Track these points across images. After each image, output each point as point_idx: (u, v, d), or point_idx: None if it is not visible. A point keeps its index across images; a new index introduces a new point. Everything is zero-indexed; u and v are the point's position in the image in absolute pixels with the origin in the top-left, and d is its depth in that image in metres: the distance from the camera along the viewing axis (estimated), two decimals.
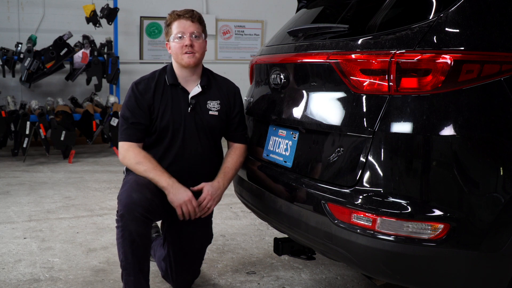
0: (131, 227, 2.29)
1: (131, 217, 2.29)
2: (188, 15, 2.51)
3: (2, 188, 4.83)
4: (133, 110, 2.51)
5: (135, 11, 7.57)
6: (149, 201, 2.34)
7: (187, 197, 2.41)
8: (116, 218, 2.34)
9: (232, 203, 4.31)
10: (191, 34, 2.50)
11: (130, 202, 2.31)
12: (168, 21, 2.55)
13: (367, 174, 1.90)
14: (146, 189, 2.37)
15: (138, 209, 2.30)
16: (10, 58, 6.20)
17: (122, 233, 2.31)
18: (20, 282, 2.82)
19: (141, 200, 2.32)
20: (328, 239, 2.00)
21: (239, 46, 8.30)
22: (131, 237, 2.30)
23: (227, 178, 2.59)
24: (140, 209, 2.30)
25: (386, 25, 2.05)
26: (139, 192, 2.34)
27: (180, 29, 2.50)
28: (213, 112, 2.59)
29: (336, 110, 2.08)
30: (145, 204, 2.32)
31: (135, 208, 2.30)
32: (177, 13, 2.53)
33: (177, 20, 2.51)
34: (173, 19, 2.52)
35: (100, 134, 6.67)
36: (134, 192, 2.34)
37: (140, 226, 2.31)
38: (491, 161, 1.81)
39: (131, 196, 2.33)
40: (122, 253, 2.33)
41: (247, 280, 2.92)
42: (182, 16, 2.51)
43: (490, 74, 1.82)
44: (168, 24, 2.55)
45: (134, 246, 2.31)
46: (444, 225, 1.79)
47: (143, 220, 2.32)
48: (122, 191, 2.40)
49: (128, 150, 2.49)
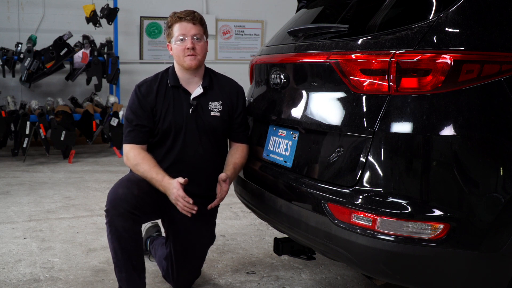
0: (116, 222, 2.32)
1: (116, 213, 2.32)
2: (189, 17, 2.50)
3: (2, 188, 4.83)
4: (137, 112, 2.52)
5: (135, 11, 7.56)
6: (135, 197, 2.35)
7: (173, 195, 2.36)
8: (105, 214, 2.37)
9: (232, 203, 4.31)
10: (193, 37, 2.50)
11: (116, 197, 2.34)
12: (169, 22, 2.54)
13: (367, 174, 1.90)
14: (134, 186, 2.39)
15: (123, 205, 2.32)
16: (10, 58, 6.20)
17: (110, 229, 2.35)
18: (20, 282, 2.82)
19: (126, 195, 2.34)
20: (328, 239, 2.00)
21: (239, 46, 8.30)
22: (118, 233, 2.32)
23: (236, 172, 2.59)
24: (125, 205, 2.32)
25: (386, 25, 2.04)
26: (126, 188, 2.37)
27: (182, 31, 2.49)
28: (215, 113, 2.59)
29: (336, 110, 2.08)
30: (131, 200, 2.34)
31: (120, 203, 2.32)
32: (178, 15, 2.51)
33: (178, 22, 2.50)
34: (175, 21, 2.52)
35: (100, 134, 6.67)
36: (120, 188, 2.38)
37: (127, 221, 2.33)
38: (491, 161, 1.81)
39: (117, 191, 2.36)
40: (112, 249, 2.38)
41: (247, 280, 2.92)
42: (184, 19, 2.50)
43: (490, 74, 1.82)
44: (169, 26, 2.54)
45: (122, 242, 2.33)
46: (444, 225, 1.79)
47: (129, 216, 2.33)
48: (111, 187, 2.43)
49: (130, 151, 2.51)
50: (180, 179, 2.37)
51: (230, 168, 2.55)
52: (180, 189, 2.35)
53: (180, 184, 2.35)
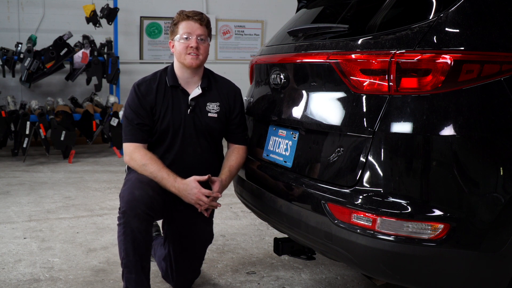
0: (133, 224, 2.30)
1: (133, 214, 2.30)
2: (197, 17, 2.52)
3: (2, 188, 4.83)
4: (137, 111, 2.52)
5: (135, 11, 7.57)
6: (151, 199, 2.35)
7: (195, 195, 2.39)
8: (118, 215, 2.36)
9: (232, 203, 4.31)
10: (198, 37, 2.51)
11: (132, 199, 2.32)
12: (176, 20, 2.55)
13: (367, 174, 1.90)
14: (148, 187, 2.38)
15: (140, 206, 2.31)
16: (10, 58, 6.20)
17: (124, 230, 2.32)
18: (20, 282, 2.82)
19: (143, 197, 2.33)
20: (328, 239, 2.00)
21: (239, 46, 8.30)
22: (133, 234, 2.31)
23: (232, 176, 2.60)
24: (142, 206, 2.31)
25: (386, 25, 2.05)
26: (141, 189, 2.36)
27: (188, 30, 2.50)
28: (212, 114, 2.60)
29: (336, 110, 2.08)
30: (147, 201, 2.33)
31: (137, 205, 2.31)
32: (187, 13, 2.53)
33: (185, 20, 2.52)
34: (182, 19, 2.53)
35: (100, 134, 6.67)
36: (136, 190, 2.36)
37: (142, 223, 2.32)
38: (491, 161, 1.81)
39: (133, 193, 2.34)
40: (124, 250, 2.34)
41: (247, 280, 2.92)
42: (191, 18, 2.52)
43: (490, 74, 1.82)
44: (175, 23, 2.55)
45: (136, 243, 2.32)
46: (444, 225, 1.79)
47: (145, 217, 2.33)
48: (124, 188, 2.42)
49: (134, 151, 2.49)
50: (197, 177, 2.41)
51: (226, 172, 2.57)
52: (201, 187, 2.39)
53: (198, 182, 2.38)
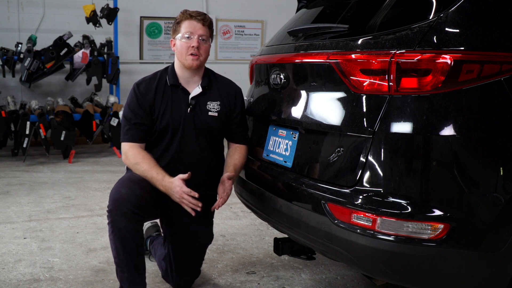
0: (119, 222, 2.32)
1: (119, 213, 2.32)
2: (200, 17, 2.53)
3: (2, 188, 4.83)
4: (135, 111, 2.52)
5: (135, 11, 7.57)
6: (138, 197, 2.35)
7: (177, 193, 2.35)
8: (107, 214, 2.37)
9: (232, 203, 4.31)
10: (200, 37, 2.51)
11: (118, 197, 2.34)
12: (179, 19, 2.55)
13: (367, 174, 1.90)
14: (136, 186, 2.39)
15: (126, 205, 2.32)
16: (10, 58, 6.20)
17: (112, 229, 2.35)
18: (20, 282, 2.82)
19: (129, 195, 2.34)
20: (328, 239, 2.00)
21: (239, 46, 8.30)
22: (121, 233, 2.32)
23: (237, 173, 2.59)
24: (128, 205, 2.32)
25: (386, 25, 2.05)
26: (128, 188, 2.37)
27: (190, 29, 2.51)
28: (212, 113, 2.60)
29: (336, 110, 2.08)
30: (134, 200, 2.34)
31: (123, 203, 2.32)
32: (190, 13, 2.54)
33: (188, 20, 2.52)
34: (185, 18, 2.53)
35: (100, 134, 6.67)
36: (123, 188, 2.37)
37: (130, 221, 2.33)
38: (491, 161, 1.81)
39: (120, 191, 2.36)
40: (114, 249, 2.37)
41: (247, 280, 2.92)
42: (195, 18, 2.52)
43: (490, 74, 1.82)
44: (178, 21, 2.55)
45: (124, 242, 2.33)
46: (444, 225, 1.79)
47: (132, 216, 2.33)
48: (113, 187, 2.43)
49: (129, 150, 2.51)
50: (181, 175, 2.37)
51: (232, 169, 2.55)
52: (183, 186, 2.35)
53: (182, 181, 2.36)
